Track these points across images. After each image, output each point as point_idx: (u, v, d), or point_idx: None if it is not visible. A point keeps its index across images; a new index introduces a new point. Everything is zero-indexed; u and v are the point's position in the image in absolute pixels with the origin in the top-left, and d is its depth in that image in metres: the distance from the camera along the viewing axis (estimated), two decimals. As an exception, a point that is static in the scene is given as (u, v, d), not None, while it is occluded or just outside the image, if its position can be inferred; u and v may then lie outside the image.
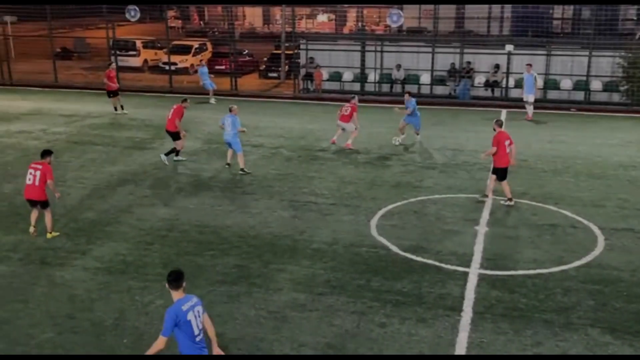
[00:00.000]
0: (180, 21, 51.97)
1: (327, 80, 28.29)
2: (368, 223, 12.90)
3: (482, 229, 12.64)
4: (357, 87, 27.90)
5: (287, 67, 32.24)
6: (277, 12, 51.26)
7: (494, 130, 13.92)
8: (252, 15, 55.73)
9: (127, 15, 29.32)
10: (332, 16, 49.40)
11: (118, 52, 30.83)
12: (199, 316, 6.69)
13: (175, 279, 6.60)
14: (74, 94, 28.00)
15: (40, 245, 11.72)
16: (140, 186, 15.16)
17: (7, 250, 11.50)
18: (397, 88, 27.83)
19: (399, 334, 8.92)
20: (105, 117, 22.79)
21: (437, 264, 11.06)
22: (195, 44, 36.08)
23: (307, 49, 28.88)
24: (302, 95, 28.17)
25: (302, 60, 29.04)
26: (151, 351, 6.61)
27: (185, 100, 17.30)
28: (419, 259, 11.26)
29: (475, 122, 22.34)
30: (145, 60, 35.30)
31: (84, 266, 10.88)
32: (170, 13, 35.16)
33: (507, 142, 13.66)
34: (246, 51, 35.22)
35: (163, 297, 9.80)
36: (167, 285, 6.71)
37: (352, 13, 44.37)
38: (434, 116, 23.47)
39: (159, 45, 35.86)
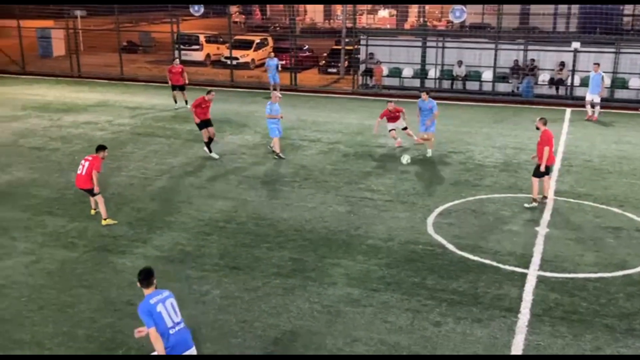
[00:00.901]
0: (243, 16, 52.62)
1: (387, 76, 28.13)
2: (425, 221, 12.79)
3: (542, 230, 12.35)
4: (416, 83, 27.66)
5: (346, 62, 32.21)
6: (338, 7, 51.24)
7: (538, 128, 13.51)
8: (313, 11, 55.91)
9: (191, 10, 29.89)
10: (394, 12, 49.08)
11: (182, 47, 31.44)
12: (173, 307, 6.85)
13: (145, 277, 6.88)
14: (138, 86, 28.74)
15: (103, 233, 12.11)
16: (200, 178, 15.45)
17: (73, 237, 11.92)
18: (458, 85, 27.46)
19: (453, 333, 8.82)
20: (168, 110, 23.30)
21: (494, 264, 10.87)
22: (257, 39, 36.45)
23: (367, 45, 28.78)
24: (361, 91, 28.10)
25: (362, 56, 28.96)
26: (157, 346, 6.70)
27: (209, 92, 17.38)
28: (476, 258, 11.09)
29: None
30: (208, 55, 35.89)
31: (145, 254, 11.18)
32: (234, 9, 35.62)
33: (540, 140, 13.35)
34: (306, 46, 35.37)
35: (220, 287, 10.01)
36: (138, 284, 6.97)
37: (413, 8, 43.94)
38: (495, 114, 23.07)
39: (221, 40, 36.42)
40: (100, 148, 12.68)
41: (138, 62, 34.09)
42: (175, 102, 23.56)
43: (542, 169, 13.31)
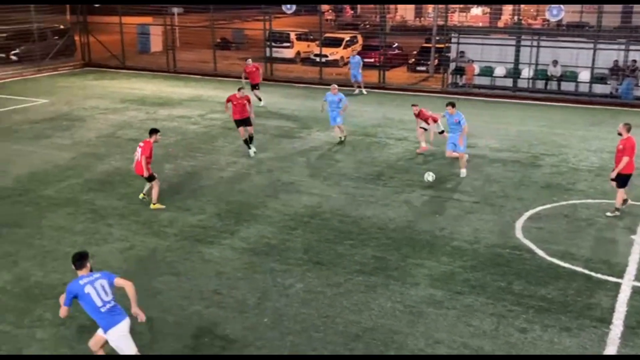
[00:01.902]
0: (334, 14, 52.88)
1: (478, 75, 27.53)
2: (513, 224, 12.44)
3: (639, 238, 11.75)
4: (509, 82, 26.92)
5: (436, 60, 31.78)
6: (429, 5, 50.58)
7: (620, 135, 12.68)
8: (404, 9, 55.43)
9: (283, 8, 30.33)
10: (487, 10, 47.95)
11: (273, 44, 31.98)
12: (103, 288, 7.22)
13: (79, 259, 7.40)
14: (231, 82, 29.36)
15: (193, 223, 12.51)
16: (287, 173, 15.67)
17: (164, 226, 12.39)
18: (553, 85, 26.50)
19: (540, 340, 8.55)
20: (258, 106, 23.72)
21: (586, 272, 10.44)
22: (347, 37, 36.55)
23: (458, 43, 28.26)
24: (451, 89, 27.62)
25: (453, 54, 28.47)
26: (62, 313, 7.29)
27: (240, 89, 17.36)
28: (566, 265, 10.69)
29: (638, 124, 20.72)
30: (298, 52, 36.32)
31: (232, 246, 11.47)
32: (325, 7, 35.85)
33: (621, 147, 12.54)
34: (396, 44, 35.14)
35: (303, 281, 10.13)
36: (73, 266, 7.42)
37: (508, 6, 42.77)
38: (592, 116, 22.13)
39: (311, 37, 36.75)
40: (152, 131, 13.21)
41: (231, 58, 34.90)
42: (260, 100, 23.99)
43: (613, 176, 12.63)
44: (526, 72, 26.80)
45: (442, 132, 17.23)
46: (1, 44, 33.88)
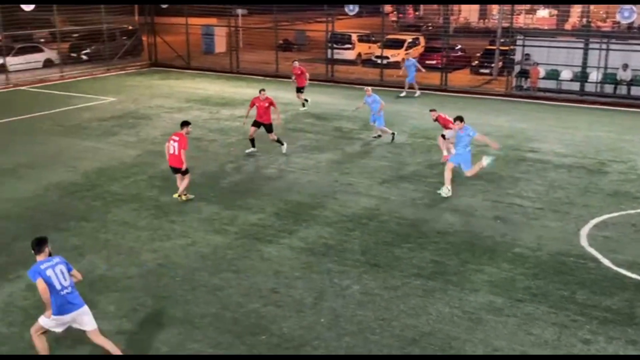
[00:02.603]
0: (400, 15, 52.59)
1: (543, 78, 26.85)
2: (578, 232, 12.08)
3: None
4: (576, 86, 26.16)
5: (500, 63, 31.19)
6: (494, 7, 49.67)
7: None
8: (468, 10, 54.59)
9: (346, 10, 30.37)
10: (554, 12, 46.71)
11: (334, 45, 32.05)
12: (62, 273, 7.50)
13: (38, 244, 7.59)
14: (291, 83, 29.65)
15: (253, 221, 12.66)
16: (346, 174, 15.68)
17: (225, 223, 12.58)
18: (622, 89, 25.59)
19: (604, 353, 8.28)
20: (317, 107, 23.85)
21: (655, 284, 10.05)
22: (409, 39, 36.29)
23: (523, 45, 27.64)
24: (515, 92, 27.06)
25: (518, 57, 27.88)
26: (44, 297, 7.35)
27: (261, 90, 17.28)
28: (634, 276, 10.31)
29: None
30: (359, 54, 36.28)
31: (290, 245, 11.56)
32: (388, 8, 35.68)
33: None
34: (459, 46, 34.68)
35: (360, 283, 10.11)
36: (33, 251, 7.60)
37: (576, 8, 41.54)
38: (664, 122, 21.29)
39: (373, 39, 36.65)
40: (185, 124, 13.60)
41: (292, 59, 35.14)
42: (305, 102, 23.73)
43: None
44: (594, 75, 25.98)
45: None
46: (73, 44, 35.21)
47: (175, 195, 13.65)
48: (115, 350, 7.82)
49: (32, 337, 7.78)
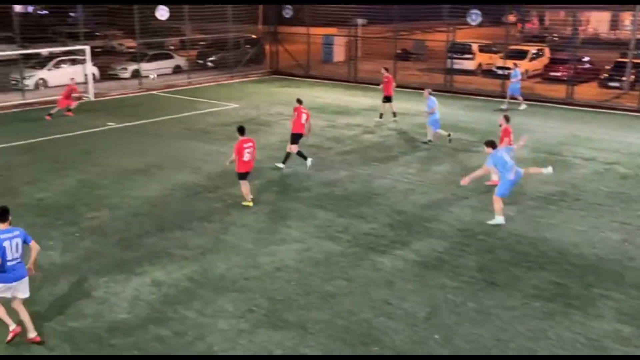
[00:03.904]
0: (519, 24, 51.01)
1: (682, 93, 25.08)
2: None
3: None
4: None
5: (633, 76, 29.40)
6: (626, 17, 46.97)
7: None
8: (598, 20, 51.98)
9: (468, 19, 29.82)
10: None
11: (453, 55, 31.56)
12: (17, 246, 8.35)
13: (1, 214, 8.38)
14: (408, 93, 29.48)
15: (366, 230, 12.68)
16: (462, 188, 15.31)
17: (339, 231, 12.69)
18: None
19: None
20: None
21: None
22: (532, 49, 35.06)
23: (660, 58, 25.95)
24: (648, 108, 25.44)
25: (652, 70, 26.19)
26: None
27: (299, 101, 17.21)
28: None
29: None
30: (479, 64, 35.49)
31: (404, 257, 11.46)
32: (510, 18, 34.62)
33: None
34: (586, 58, 33.06)
35: (475, 300, 9.85)
36: None
37: None
38: None
39: (494, 49, 35.74)
40: (244, 130, 14.09)
41: (410, 69, 34.97)
42: (380, 116, 23.01)
43: None
44: None
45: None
46: (200, 51, 36.97)
47: (249, 203, 13.99)
48: (28, 323, 8.67)
49: None
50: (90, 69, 28.51)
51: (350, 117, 23.81)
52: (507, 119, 15.57)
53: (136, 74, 31.52)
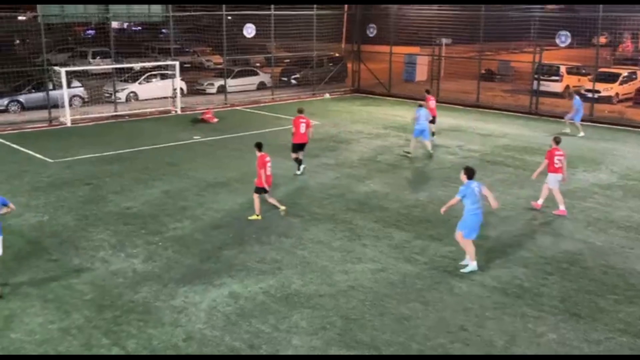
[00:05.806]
0: (610, 48, 49.16)
1: None
2: None
3: None
4: None
5: None
6: None
7: None
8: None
9: (556, 41, 29.01)
10: None
11: (540, 77, 30.75)
12: None
13: None
14: (492, 114, 28.98)
15: (443, 253, 12.47)
16: (545, 213, 14.85)
17: (415, 252, 12.54)
18: None
19: None
20: (520, 140, 22.98)
21: None
22: (624, 72, 33.68)
23: None
24: None
25: None
26: None
27: (300, 110, 18.55)
28: None
29: None
30: (567, 86, 34.41)
31: (482, 282, 11.18)
32: (602, 40, 33.44)
33: None
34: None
35: (557, 331, 9.49)
36: None
37: None
38: None
39: (583, 71, 34.59)
40: (262, 146, 14.68)
41: (494, 90, 34.35)
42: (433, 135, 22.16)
43: None
44: None
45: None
46: (284, 69, 37.67)
47: (258, 217, 14.33)
48: None
49: None
50: (179, 83, 29.58)
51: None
52: (556, 140, 14.93)
53: (222, 90, 32.43)
